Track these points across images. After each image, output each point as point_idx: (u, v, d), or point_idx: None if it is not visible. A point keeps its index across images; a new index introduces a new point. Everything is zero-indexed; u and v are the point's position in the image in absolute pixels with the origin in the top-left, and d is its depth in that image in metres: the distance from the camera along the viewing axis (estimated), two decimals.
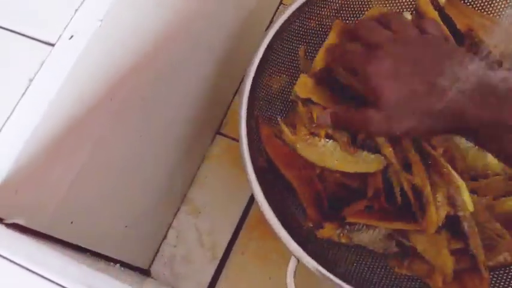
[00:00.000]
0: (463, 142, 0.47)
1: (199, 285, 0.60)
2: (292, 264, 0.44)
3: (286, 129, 0.48)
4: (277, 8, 0.73)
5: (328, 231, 0.48)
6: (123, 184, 0.47)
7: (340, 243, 0.49)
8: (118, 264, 0.49)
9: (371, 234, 0.48)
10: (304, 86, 0.49)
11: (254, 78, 0.49)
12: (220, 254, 0.62)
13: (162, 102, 0.50)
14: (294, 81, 0.51)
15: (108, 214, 0.46)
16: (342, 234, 0.48)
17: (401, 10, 0.55)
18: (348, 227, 0.48)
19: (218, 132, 0.67)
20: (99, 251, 0.46)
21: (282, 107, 0.55)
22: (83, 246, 0.43)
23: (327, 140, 0.47)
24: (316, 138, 0.47)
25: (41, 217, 0.36)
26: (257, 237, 0.62)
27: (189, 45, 0.51)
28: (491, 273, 0.47)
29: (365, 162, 0.47)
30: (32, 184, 0.34)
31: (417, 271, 0.47)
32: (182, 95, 0.54)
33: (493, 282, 0.47)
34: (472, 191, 0.45)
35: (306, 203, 0.49)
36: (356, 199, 0.48)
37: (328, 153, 0.47)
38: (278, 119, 0.50)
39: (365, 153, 0.47)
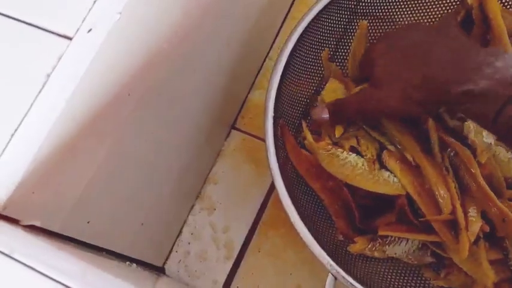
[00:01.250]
0: (502, 152, 0.46)
1: (215, 283, 0.59)
2: (329, 282, 0.43)
3: (309, 136, 0.46)
4: (292, 4, 0.71)
5: (360, 245, 0.46)
6: (139, 181, 0.46)
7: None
8: (134, 264, 0.48)
9: (404, 246, 0.46)
10: (333, 92, 0.47)
11: (279, 84, 0.47)
12: (236, 252, 0.60)
13: (177, 97, 0.48)
14: (321, 85, 0.49)
15: (124, 212, 0.44)
16: (374, 248, 0.46)
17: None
18: (380, 240, 0.46)
19: (233, 127, 0.66)
20: (114, 250, 0.45)
21: (307, 112, 0.53)
22: (99, 245, 0.42)
23: (351, 153, 0.46)
24: (340, 149, 0.45)
25: (58, 217, 0.35)
26: (274, 234, 0.61)
27: (205, 39, 0.49)
28: None
29: (386, 184, 0.45)
30: (49, 184, 0.33)
31: (455, 283, 0.45)
32: (197, 90, 0.53)
33: None
34: (510, 199, 0.44)
35: (335, 215, 0.48)
36: (386, 209, 0.46)
37: (350, 167, 0.45)
38: (302, 123, 0.48)
39: (388, 174, 0.45)
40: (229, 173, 0.64)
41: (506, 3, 0.53)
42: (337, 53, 0.54)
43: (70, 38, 0.31)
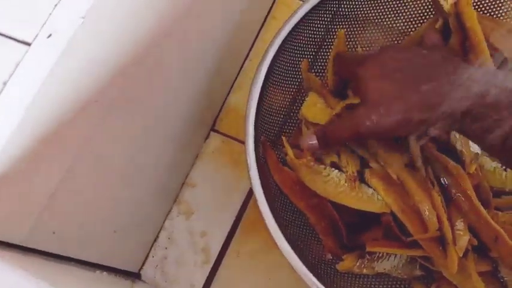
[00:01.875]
0: (487, 162, 0.45)
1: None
2: None
3: (290, 152, 0.45)
4: (272, 4, 0.69)
5: (349, 263, 0.45)
6: (111, 188, 0.45)
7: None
8: (105, 272, 0.46)
9: (393, 261, 0.45)
10: (313, 107, 0.46)
11: (260, 97, 0.45)
12: (213, 257, 0.59)
13: (152, 101, 0.47)
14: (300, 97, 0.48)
15: (94, 220, 0.43)
16: (363, 266, 0.45)
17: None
18: (368, 256, 0.45)
19: (213, 129, 0.64)
20: (85, 259, 0.44)
21: (290, 126, 0.52)
22: (67, 256, 0.40)
23: (333, 169, 0.44)
24: (322, 166, 0.44)
25: (20, 230, 0.33)
26: (253, 238, 0.60)
27: (180, 41, 0.48)
28: None
29: (370, 201, 0.44)
30: (10, 195, 0.31)
31: None
32: (174, 92, 0.52)
33: None
34: (496, 208, 0.44)
35: (322, 234, 0.46)
36: (372, 224, 0.45)
37: (333, 184, 0.44)
38: (283, 139, 0.47)
39: (372, 191, 0.44)
40: (208, 176, 0.63)
41: (483, 9, 0.52)
42: (316, 63, 0.53)
43: (29, 44, 0.30)
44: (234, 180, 0.62)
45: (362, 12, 0.52)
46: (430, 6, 0.53)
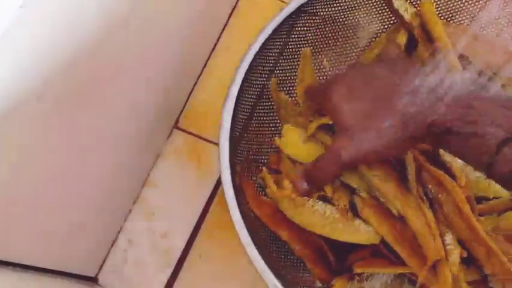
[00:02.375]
0: (471, 172, 0.45)
1: None
2: None
3: (272, 184, 0.44)
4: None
5: (340, 287, 0.44)
6: (60, 190, 0.42)
7: None
8: (57, 278, 0.44)
9: (382, 278, 0.44)
10: (291, 145, 0.45)
11: (232, 121, 0.43)
12: (175, 258, 0.57)
13: (108, 97, 0.45)
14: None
15: (41, 225, 0.41)
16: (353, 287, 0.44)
17: None
18: (357, 277, 0.44)
19: (175, 127, 0.62)
20: (31, 264, 0.41)
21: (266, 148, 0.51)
22: (9, 261, 0.38)
23: (317, 200, 0.43)
24: (305, 198, 0.43)
25: None
26: (216, 239, 0.58)
27: (139, 32, 0.46)
28: None
29: (358, 233, 0.42)
30: None
31: None
32: (132, 88, 0.49)
33: None
34: (480, 214, 0.43)
35: (310, 263, 0.45)
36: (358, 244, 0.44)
37: (318, 217, 0.42)
38: (263, 171, 0.45)
39: (359, 222, 0.42)
40: (170, 175, 0.61)
41: (447, 17, 0.52)
42: (286, 81, 0.53)
43: None
44: (197, 180, 0.60)
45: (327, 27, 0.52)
46: (389, 19, 0.53)
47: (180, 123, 0.62)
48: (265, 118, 0.51)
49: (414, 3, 0.51)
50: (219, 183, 0.60)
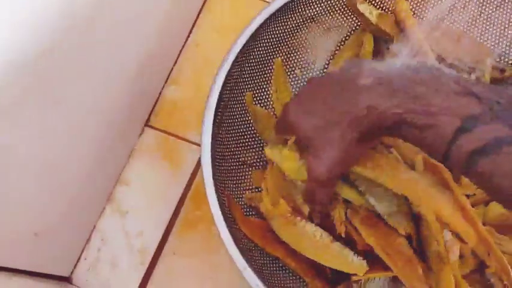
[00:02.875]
0: None
1: None
2: None
3: (267, 201, 0.43)
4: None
5: None
6: (31, 189, 0.42)
7: None
8: (28, 279, 0.44)
9: (378, 282, 0.44)
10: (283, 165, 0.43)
11: (213, 135, 0.44)
12: (149, 256, 0.57)
13: (74, 96, 0.44)
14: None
15: (11, 224, 0.40)
16: None
17: None
18: (355, 285, 0.44)
19: (147, 125, 0.62)
20: (3, 265, 0.41)
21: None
22: None
23: (309, 222, 0.42)
24: (298, 218, 0.42)
25: None
26: (190, 236, 0.58)
27: (108, 31, 0.46)
28: None
29: (346, 261, 0.41)
30: None
31: None
32: (101, 86, 0.49)
33: None
34: None
35: (307, 276, 0.45)
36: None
37: (307, 238, 0.41)
38: (263, 193, 0.45)
39: (347, 250, 0.42)
40: (143, 173, 0.61)
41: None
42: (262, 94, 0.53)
43: None
44: (170, 177, 0.60)
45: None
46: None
47: (151, 121, 0.62)
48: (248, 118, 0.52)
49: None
50: (191, 180, 0.60)
